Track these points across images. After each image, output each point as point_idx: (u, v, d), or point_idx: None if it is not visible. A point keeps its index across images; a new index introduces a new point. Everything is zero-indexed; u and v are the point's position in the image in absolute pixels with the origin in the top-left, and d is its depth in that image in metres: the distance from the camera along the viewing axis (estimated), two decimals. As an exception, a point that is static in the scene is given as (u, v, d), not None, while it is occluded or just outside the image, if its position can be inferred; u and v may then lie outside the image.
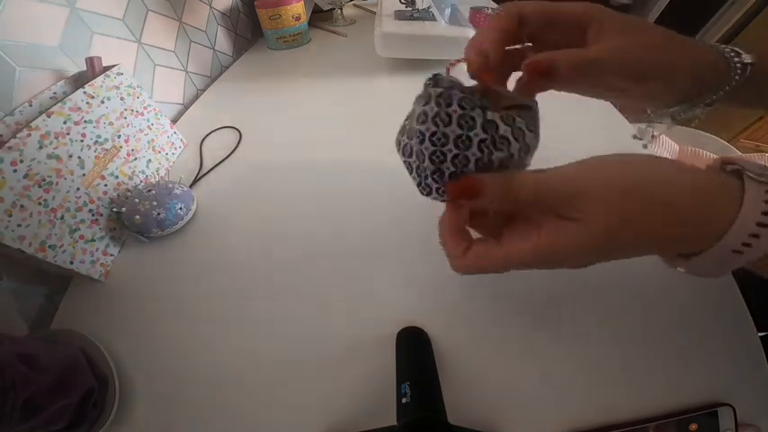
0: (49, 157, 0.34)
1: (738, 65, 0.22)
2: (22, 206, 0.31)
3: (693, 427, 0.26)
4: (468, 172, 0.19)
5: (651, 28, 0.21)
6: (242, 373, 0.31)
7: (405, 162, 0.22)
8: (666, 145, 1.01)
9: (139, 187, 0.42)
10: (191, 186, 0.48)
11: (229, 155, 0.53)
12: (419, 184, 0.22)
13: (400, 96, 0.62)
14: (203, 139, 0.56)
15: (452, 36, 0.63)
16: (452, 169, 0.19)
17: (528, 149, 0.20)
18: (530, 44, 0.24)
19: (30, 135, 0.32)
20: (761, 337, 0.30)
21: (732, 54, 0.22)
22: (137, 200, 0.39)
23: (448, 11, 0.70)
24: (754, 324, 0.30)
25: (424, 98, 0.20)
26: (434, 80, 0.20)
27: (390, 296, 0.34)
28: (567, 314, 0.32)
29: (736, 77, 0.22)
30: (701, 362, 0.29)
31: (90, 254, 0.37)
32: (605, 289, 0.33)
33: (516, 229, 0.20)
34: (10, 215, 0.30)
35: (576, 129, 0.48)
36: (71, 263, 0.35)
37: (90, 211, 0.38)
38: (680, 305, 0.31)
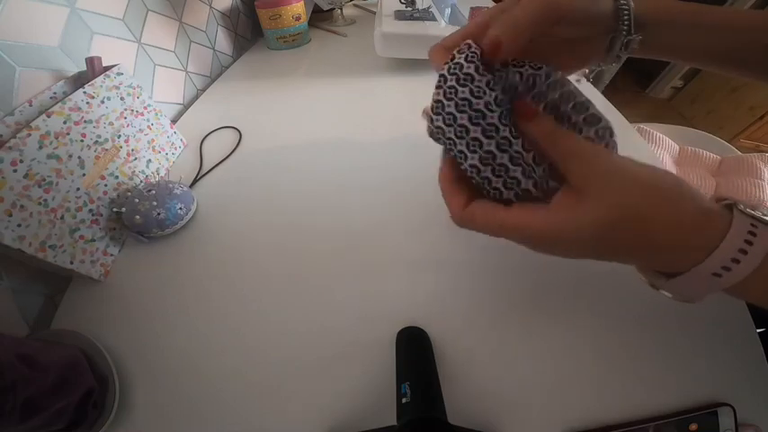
0: (49, 157, 0.34)
1: (625, 7, 0.25)
2: (22, 206, 0.31)
3: (693, 427, 0.26)
4: None
5: None
6: (242, 373, 0.31)
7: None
8: (666, 145, 1.01)
9: (139, 187, 0.42)
10: (191, 186, 0.48)
11: (229, 155, 0.53)
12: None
13: (400, 96, 0.63)
14: (203, 139, 0.56)
15: (452, 36, 0.63)
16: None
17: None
18: None
19: (30, 135, 0.32)
20: (760, 333, 0.30)
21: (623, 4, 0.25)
22: (137, 200, 0.39)
23: (448, 11, 0.70)
24: (753, 320, 0.30)
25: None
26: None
27: (390, 296, 0.34)
28: (566, 314, 0.32)
29: (626, 18, 0.25)
30: (700, 362, 0.29)
31: (90, 254, 0.37)
32: (605, 290, 0.33)
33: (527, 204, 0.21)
34: (10, 215, 0.30)
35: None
36: (71, 263, 0.35)
37: (90, 211, 0.38)
38: (679, 305, 0.31)
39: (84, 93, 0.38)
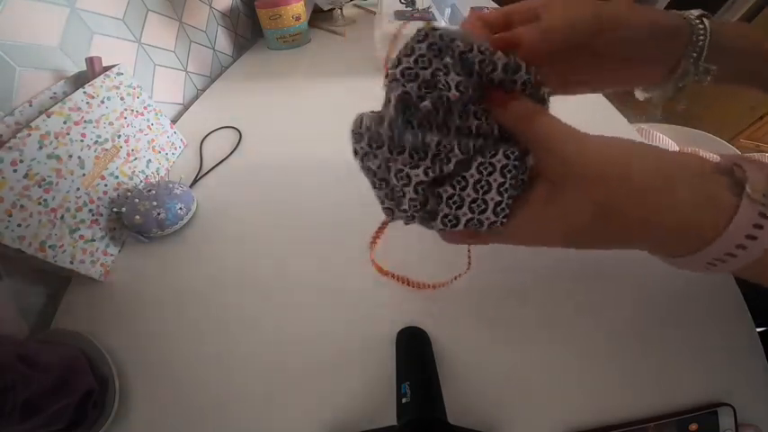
0: (49, 157, 0.34)
1: (701, 28, 0.22)
2: (22, 206, 0.31)
3: (693, 427, 0.26)
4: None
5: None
6: (242, 373, 0.31)
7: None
8: (666, 145, 1.01)
9: (139, 187, 0.42)
10: (191, 186, 0.48)
11: (229, 155, 0.53)
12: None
13: (400, 96, 0.62)
14: (203, 139, 0.56)
15: (452, 36, 0.63)
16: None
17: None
18: None
19: (30, 135, 0.32)
20: (760, 333, 0.30)
21: (696, 20, 0.23)
22: (137, 200, 0.39)
23: (448, 11, 0.69)
24: (754, 320, 0.30)
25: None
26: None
27: (390, 296, 0.34)
28: (566, 314, 0.32)
29: (700, 41, 0.22)
30: (700, 362, 0.29)
31: (90, 254, 0.37)
32: (605, 289, 0.33)
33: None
34: (10, 215, 0.30)
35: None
36: (71, 263, 0.35)
37: (90, 211, 0.38)
38: (679, 305, 0.31)
39: (84, 93, 0.38)
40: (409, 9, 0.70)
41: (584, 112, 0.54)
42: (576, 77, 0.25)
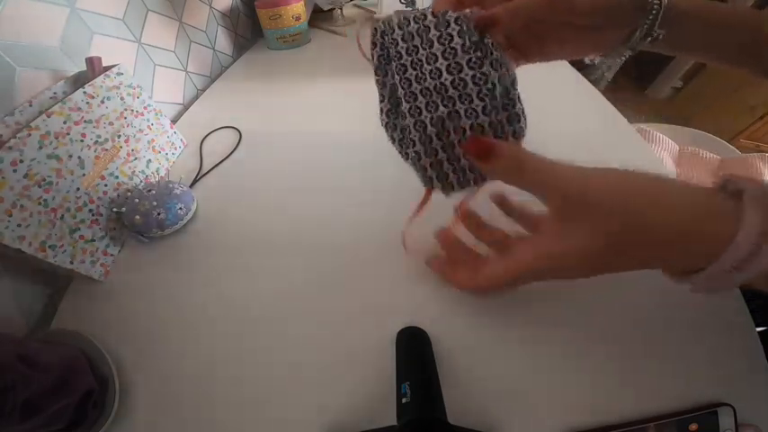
0: (49, 157, 0.34)
1: (655, 6, 0.24)
2: (22, 206, 0.31)
3: (693, 427, 0.26)
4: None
5: None
6: (242, 373, 0.31)
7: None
8: (666, 145, 1.01)
9: (139, 187, 0.42)
10: (191, 186, 0.48)
11: (229, 155, 0.53)
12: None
13: (400, 96, 0.62)
14: (203, 139, 0.56)
15: (452, 36, 0.63)
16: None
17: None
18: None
19: (30, 135, 0.32)
20: (760, 333, 0.30)
21: None
22: (137, 200, 0.39)
23: None
24: (753, 320, 0.30)
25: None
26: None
27: (390, 296, 0.34)
28: (566, 314, 0.32)
29: (653, 11, 0.24)
30: (700, 361, 0.29)
31: (90, 254, 0.37)
32: (604, 289, 0.33)
33: (515, 244, 0.21)
34: (10, 215, 0.30)
35: (573, 127, 0.48)
36: (71, 263, 0.35)
37: (90, 211, 0.38)
38: (679, 304, 0.31)
39: (84, 93, 0.38)
40: (409, 9, 0.70)
41: (584, 113, 0.55)
42: (546, 48, 0.28)
